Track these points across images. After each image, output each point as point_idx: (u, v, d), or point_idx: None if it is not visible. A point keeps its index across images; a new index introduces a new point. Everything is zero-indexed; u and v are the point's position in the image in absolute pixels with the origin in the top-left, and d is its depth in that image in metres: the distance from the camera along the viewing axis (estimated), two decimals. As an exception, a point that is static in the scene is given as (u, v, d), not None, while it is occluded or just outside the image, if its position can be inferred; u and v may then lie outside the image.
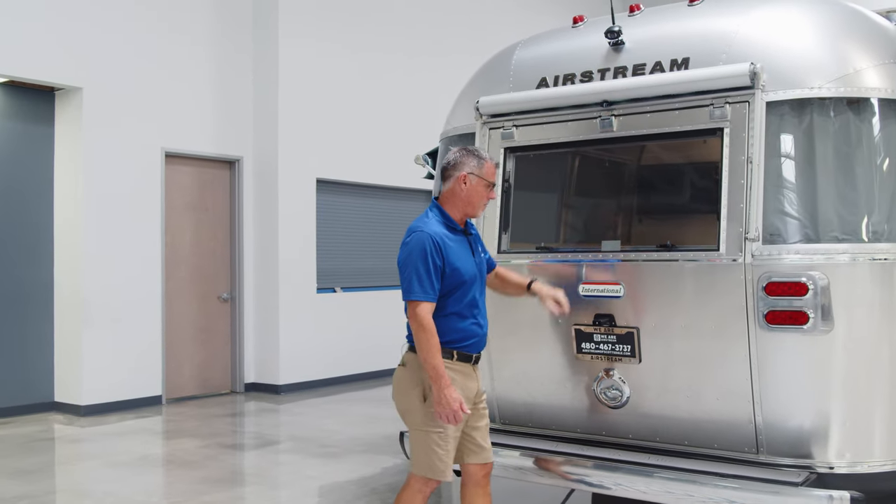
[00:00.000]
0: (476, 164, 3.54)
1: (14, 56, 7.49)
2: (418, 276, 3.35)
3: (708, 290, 3.85)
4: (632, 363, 4.09)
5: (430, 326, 3.35)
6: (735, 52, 3.92)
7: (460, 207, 3.56)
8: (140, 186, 8.40)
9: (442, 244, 3.42)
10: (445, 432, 3.46)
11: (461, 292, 3.49)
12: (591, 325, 4.17)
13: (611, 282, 4.10)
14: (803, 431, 3.76)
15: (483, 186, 3.56)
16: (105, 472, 6.01)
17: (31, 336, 7.99)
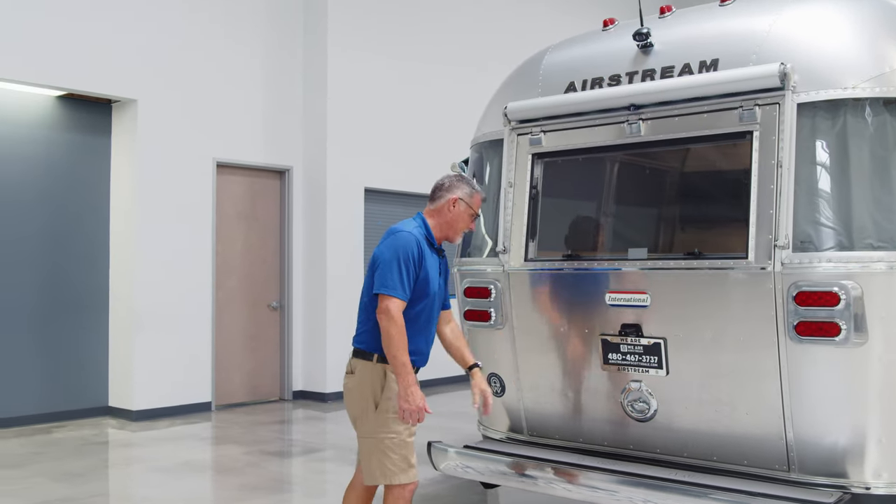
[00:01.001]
0: (468, 193, 3.61)
1: (72, 70, 7.72)
2: (399, 272, 3.36)
3: (736, 300, 3.71)
4: (659, 375, 3.96)
5: (401, 323, 3.34)
6: (766, 53, 3.78)
7: (443, 228, 3.62)
8: (192, 196, 8.56)
9: (422, 252, 3.46)
10: (399, 437, 3.42)
11: (422, 305, 3.49)
12: (617, 336, 4.06)
13: (637, 291, 3.98)
14: (838, 449, 3.59)
15: (468, 215, 3.63)
16: (148, 476, 6.11)
17: (87, 342, 8.20)
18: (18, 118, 7.81)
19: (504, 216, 4.47)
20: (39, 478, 5.84)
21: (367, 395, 3.47)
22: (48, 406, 7.87)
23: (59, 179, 8.06)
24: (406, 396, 3.34)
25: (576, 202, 4.64)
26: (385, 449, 3.43)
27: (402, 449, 3.44)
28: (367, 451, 3.49)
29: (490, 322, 4.51)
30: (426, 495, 5.41)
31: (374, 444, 3.45)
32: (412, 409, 3.34)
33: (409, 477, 3.46)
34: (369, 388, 3.47)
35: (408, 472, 3.46)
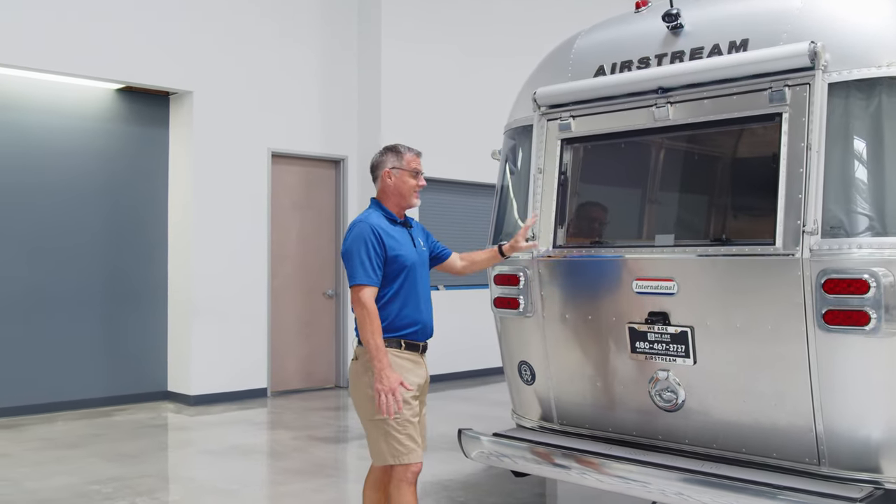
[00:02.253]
0: (395, 159, 3.70)
1: (130, 64, 7.95)
2: (360, 262, 3.47)
3: (764, 288, 3.59)
4: (686, 364, 3.87)
5: (372, 308, 3.44)
6: (797, 31, 3.64)
7: (394, 201, 3.70)
8: (247, 186, 8.72)
9: (382, 233, 3.54)
10: (401, 417, 3.46)
11: (403, 278, 3.58)
12: (644, 324, 3.98)
13: (664, 278, 3.89)
14: (871, 443, 3.45)
15: (407, 176, 3.70)
16: (196, 458, 6.28)
17: (147, 330, 8.45)
18: (79, 111, 8.08)
19: (533, 203, 4.42)
20: (94, 458, 6.06)
21: (368, 379, 3.52)
22: (110, 390, 8.15)
23: (120, 171, 8.31)
24: (380, 378, 3.40)
25: (604, 188, 4.56)
26: (390, 429, 3.47)
27: (406, 428, 3.49)
28: (374, 434, 3.54)
29: (519, 310, 4.48)
30: (467, 482, 5.42)
31: (379, 424, 3.50)
32: (386, 389, 3.39)
33: (415, 457, 3.51)
34: (370, 372, 3.51)
35: (415, 452, 3.52)
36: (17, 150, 7.68)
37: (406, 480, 3.52)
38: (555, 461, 4.16)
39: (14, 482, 5.37)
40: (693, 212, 4.12)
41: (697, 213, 4.10)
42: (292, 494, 5.23)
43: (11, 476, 5.52)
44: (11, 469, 5.70)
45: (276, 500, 5.22)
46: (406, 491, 3.53)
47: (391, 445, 3.48)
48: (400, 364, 3.54)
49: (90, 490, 5.19)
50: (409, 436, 3.50)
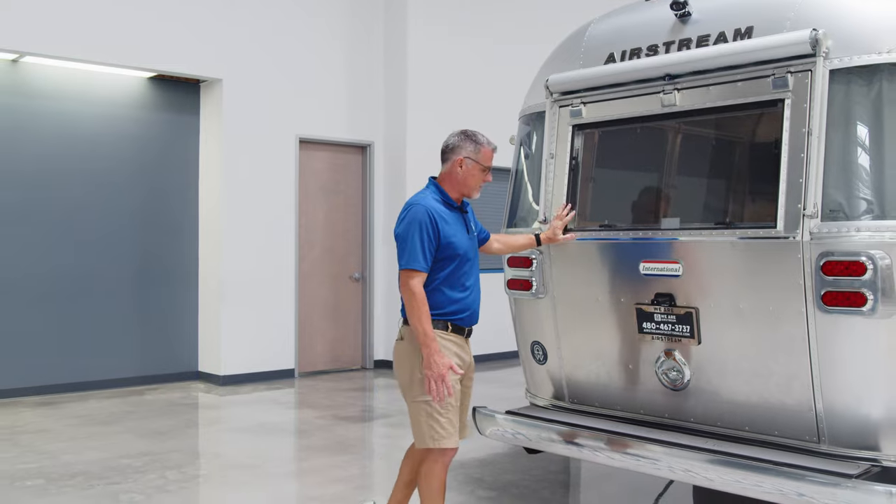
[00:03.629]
0: (473, 149, 3.66)
1: (162, 52, 8.16)
2: (413, 246, 3.45)
3: (766, 270, 3.68)
4: (691, 344, 3.98)
5: (420, 294, 3.44)
6: (800, 18, 3.71)
7: (457, 188, 3.68)
8: (276, 172, 8.92)
9: (438, 218, 3.52)
10: (446, 401, 3.49)
11: (455, 265, 3.57)
12: (651, 305, 4.09)
13: (670, 260, 4.00)
14: (869, 421, 3.53)
15: (479, 170, 3.67)
16: (223, 435, 6.50)
17: (178, 312, 8.71)
18: (112, 99, 8.32)
19: (545, 187, 4.53)
20: (127, 434, 6.30)
21: (414, 360, 3.54)
22: (143, 370, 8.42)
23: (152, 157, 8.55)
24: (429, 364, 3.42)
25: (613, 172, 4.66)
26: (433, 412, 3.50)
27: (449, 412, 3.52)
28: (415, 415, 3.57)
29: (532, 291, 4.60)
30: (484, 459, 5.57)
31: (423, 406, 3.52)
32: (435, 376, 3.41)
33: (451, 442, 3.54)
34: (416, 352, 3.53)
35: (453, 437, 3.54)
36: (54, 138, 7.93)
37: (440, 464, 3.58)
38: (565, 438, 4.29)
39: (52, 455, 5.63)
40: (698, 196, 4.21)
41: (702, 197, 4.19)
42: (315, 470, 5.42)
43: (49, 449, 5.79)
44: (49, 443, 5.97)
45: (299, 475, 5.41)
46: (437, 474, 3.58)
47: (431, 428, 3.51)
48: (445, 346, 3.54)
49: (122, 464, 5.43)
50: (450, 420, 3.53)
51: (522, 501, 4.74)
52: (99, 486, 4.92)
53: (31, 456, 5.60)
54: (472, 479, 5.14)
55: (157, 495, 4.78)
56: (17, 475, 5.14)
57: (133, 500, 4.69)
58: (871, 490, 3.24)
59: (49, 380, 7.81)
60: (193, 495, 4.92)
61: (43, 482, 5.00)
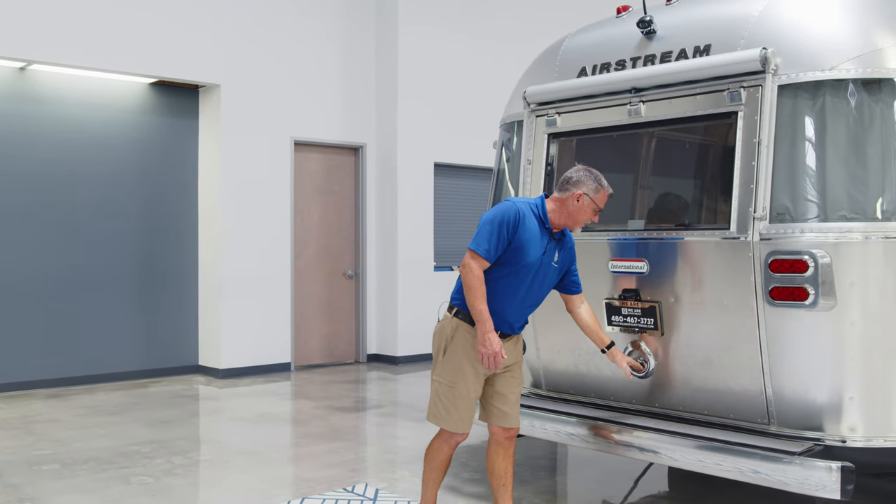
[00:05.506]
0: (593, 188, 3.79)
1: (162, 59, 8.50)
2: (489, 233, 3.64)
3: (721, 267, 4.04)
4: (655, 335, 4.34)
5: (480, 275, 3.63)
6: (753, 37, 4.06)
7: (563, 217, 3.81)
8: (272, 173, 9.27)
9: (521, 222, 3.68)
10: (454, 389, 3.77)
11: (511, 271, 3.72)
12: (618, 300, 4.45)
13: (635, 258, 4.35)
14: (815, 405, 3.88)
15: (591, 209, 3.80)
16: (225, 424, 6.85)
17: (179, 308, 9.06)
18: (114, 104, 8.65)
19: (523, 191, 4.89)
20: (134, 423, 6.65)
21: (441, 341, 3.82)
22: (145, 364, 8.77)
23: (153, 160, 8.89)
24: (483, 342, 3.63)
25: None
26: (441, 392, 3.80)
27: (456, 399, 3.77)
28: (432, 391, 3.87)
29: (512, 288, 4.94)
30: (473, 447, 5.92)
31: (436, 386, 3.84)
32: (489, 353, 3.62)
33: (457, 427, 3.80)
34: (443, 336, 3.81)
35: (458, 423, 3.79)
36: (58, 142, 8.27)
37: (447, 443, 3.87)
38: (554, 425, 4.65)
39: (64, 442, 5.98)
40: (662, 200, 4.57)
41: (666, 201, 4.55)
42: (311, 456, 5.77)
43: (61, 437, 6.14)
44: (61, 432, 6.32)
45: (296, 460, 5.76)
46: (444, 451, 3.89)
47: (437, 406, 3.81)
48: (468, 340, 3.76)
49: (131, 450, 5.78)
50: (456, 406, 3.77)
51: (504, 483, 5.09)
52: (111, 470, 5.27)
53: (45, 443, 5.95)
54: (458, 463, 5.49)
55: (165, 478, 5.13)
56: (33, 460, 5.49)
57: (143, 482, 5.04)
58: (814, 465, 3.62)
59: (58, 373, 8.16)
60: (199, 478, 5.27)
61: (58, 467, 5.36)
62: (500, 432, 4.01)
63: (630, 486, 5.10)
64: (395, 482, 5.09)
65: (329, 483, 5.05)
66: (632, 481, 5.16)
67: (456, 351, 3.78)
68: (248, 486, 5.02)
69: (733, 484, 4.67)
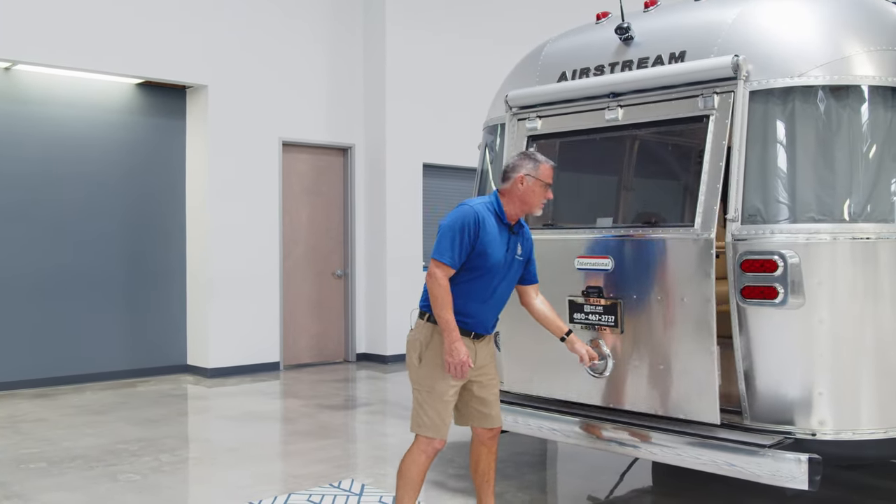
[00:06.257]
0: (532, 167, 3.81)
1: (149, 59, 8.57)
2: (451, 241, 3.65)
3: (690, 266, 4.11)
4: (615, 333, 4.37)
5: (445, 285, 3.64)
6: (727, 44, 4.18)
7: (517, 205, 3.81)
8: (260, 173, 9.35)
9: (482, 226, 3.69)
10: (434, 392, 3.74)
11: (479, 274, 3.73)
12: (582, 296, 4.49)
13: (601, 256, 4.41)
14: (786, 400, 4.00)
15: (539, 186, 3.80)
16: (213, 423, 6.94)
17: (167, 308, 9.13)
18: (102, 105, 8.72)
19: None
20: (121, 422, 6.73)
21: (415, 349, 3.80)
22: (134, 363, 8.85)
23: (140, 160, 8.96)
24: (450, 351, 3.63)
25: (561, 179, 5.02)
26: (422, 401, 3.75)
27: (437, 405, 3.73)
28: (414, 401, 3.83)
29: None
30: (457, 445, 6.03)
31: (416, 395, 3.79)
32: (456, 362, 3.63)
33: (438, 432, 3.75)
34: (418, 343, 3.80)
35: (436, 429, 3.75)
36: (46, 142, 8.33)
37: (425, 453, 3.78)
38: (528, 419, 4.74)
39: (52, 441, 6.06)
40: (632, 200, 4.65)
41: (635, 201, 4.62)
42: (299, 453, 5.87)
43: (49, 436, 6.22)
44: (49, 431, 6.40)
45: (284, 457, 5.86)
46: (420, 462, 3.79)
47: (418, 415, 3.77)
48: (434, 344, 3.74)
49: (119, 448, 5.87)
50: (438, 412, 3.73)
51: (487, 478, 5.20)
52: (98, 468, 5.36)
53: (33, 442, 6.03)
54: (444, 460, 5.59)
55: (152, 475, 5.22)
56: (21, 459, 5.57)
57: (131, 479, 5.13)
58: (784, 458, 3.75)
59: (45, 373, 8.23)
60: (187, 475, 5.36)
61: (45, 465, 5.43)
62: (484, 433, 4.04)
63: (615, 481, 5.22)
64: (382, 478, 5.19)
65: (316, 479, 5.15)
66: (617, 476, 5.29)
67: (433, 356, 3.77)
68: (235, 482, 5.11)
69: (715, 478, 4.78)
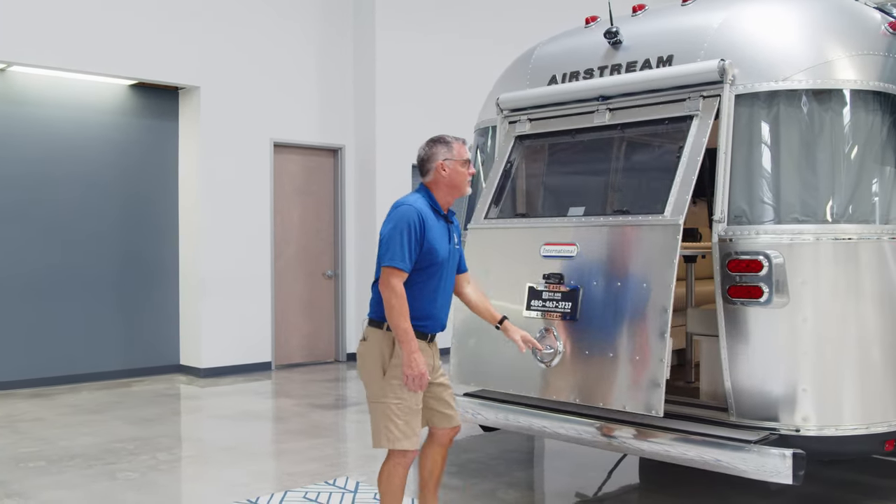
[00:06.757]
0: (447, 150, 3.72)
1: (142, 61, 8.62)
2: (400, 245, 3.49)
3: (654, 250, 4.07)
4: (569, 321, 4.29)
5: (401, 293, 3.50)
6: (713, 49, 4.28)
7: (446, 191, 3.73)
8: (252, 174, 9.41)
9: (424, 221, 3.57)
10: (403, 403, 3.58)
11: (431, 272, 3.64)
12: (542, 283, 4.43)
13: (568, 243, 4.39)
14: (771, 397, 4.10)
15: (460, 166, 3.71)
16: (207, 422, 7.01)
17: (160, 308, 9.18)
18: (95, 106, 8.76)
19: (479, 185, 5.08)
20: (117, 421, 6.79)
21: (377, 361, 3.62)
22: (128, 363, 8.89)
23: (133, 161, 9.00)
24: (409, 363, 3.50)
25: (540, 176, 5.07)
26: (391, 414, 3.57)
27: (407, 415, 3.59)
28: (375, 416, 3.64)
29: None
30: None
31: (382, 408, 3.60)
32: (414, 374, 3.51)
33: (411, 444, 3.60)
34: (379, 354, 3.62)
35: (411, 440, 3.60)
36: (39, 143, 8.37)
37: (401, 466, 3.65)
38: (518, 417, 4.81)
39: (49, 440, 6.11)
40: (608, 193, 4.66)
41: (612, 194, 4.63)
42: (292, 451, 5.94)
43: (46, 435, 6.27)
44: (46, 430, 6.45)
45: (278, 455, 5.93)
46: (398, 474, 3.65)
47: (387, 429, 3.58)
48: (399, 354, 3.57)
49: (116, 447, 5.93)
50: (408, 423, 3.59)
51: (479, 475, 5.28)
52: (97, 466, 5.42)
53: (31, 441, 6.08)
54: (435, 457, 5.68)
55: (150, 473, 5.28)
56: (20, 458, 5.63)
57: (129, 477, 5.19)
58: (769, 453, 3.84)
59: (40, 372, 8.27)
60: (184, 473, 5.43)
61: (44, 463, 5.49)
62: (445, 433, 3.90)
63: (603, 478, 5.32)
64: (374, 476, 5.24)
65: (311, 477, 5.22)
66: (604, 474, 5.39)
67: (397, 366, 3.60)
68: (231, 480, 5.18)
69: (701, 474, 4.88)
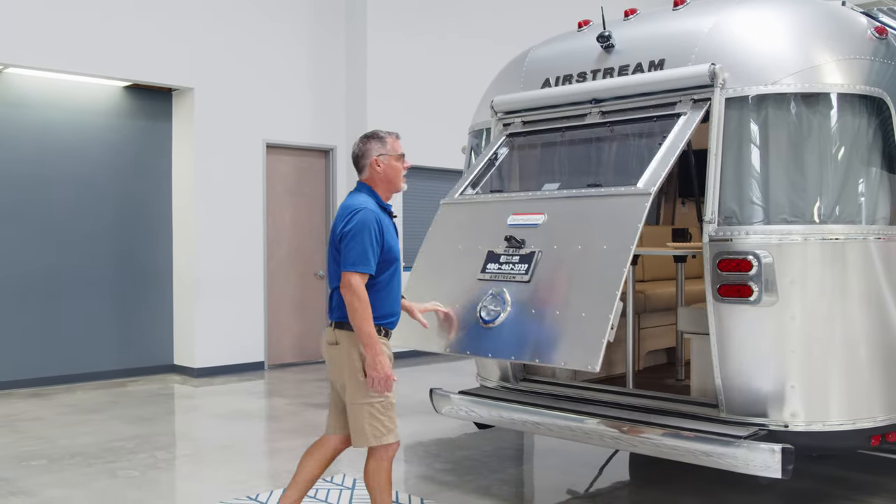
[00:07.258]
0: (380, 146, 3.74)
1: (136, 63, 8.66)
2: (364, 249, 3.51)
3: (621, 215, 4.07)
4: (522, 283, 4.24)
5: (365, 296, 3.50)
6: (704, 53, 4.38)
7: (384, 187, 3.76)
8: (244, 175, 9.47)
9: (380, 221, 3.61)
10: (386, 400, 3.64)
11: (391, 270, 3.68)
12: (502, 246, 4.43)
13: (536, 213, 4.41)
14: (760, 393, 4.20)
15: (395, 160, 3.75)
16: (202, 421, 7.07)
17: (154, 308, 9.23)
18: (89, 107, 8.80)
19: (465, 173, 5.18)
20: (115, 420, 6.84)
21: (354, 363, 3.62)
22: (122, 363, 8.94)
23: (127, 162, 9.05)
24: (374, 365, 3.52)
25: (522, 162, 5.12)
26: (376, 413, 3.62)
27: (389, 411, 3.65)
28: (358, 416, 3.64)
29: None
30: (441, 439, 6.20)
31: (367, 409, 3.62)
32: (380, 376, 3.54)
33: (394, 437, 3.69)
34: (357, 356, 3.61)
35: (393, 432, 3.68)
36: (34, 144, 8.40)
37: (386, 459, 3.69)
38: (511, 414, 4.91)
39: (49, 439, 6.16)
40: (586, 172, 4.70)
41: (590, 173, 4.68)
42: (286, 449, 6.01)
43: (46, 434, 6.32)
44: (45, 429, 6.50)
45: (271, 454, 6.00)
46: (384, 469, 3.69)
47: (374, 427, 3.62)
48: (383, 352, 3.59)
49: (115, 445, 5.98)
50: (390, 417, 3.66)
51: (474, 472, 5.37)
52: (97, 465, 5.48)
53: (31, 440, 6.13)
54: (429, 455, 5.77)
55: (150, 471, 5.35)
56: (21, 456, 5.68)
57: (129, 475, 5.25)
58: (758, 448, 3.93)
59: (37, 372, 8.31)
60: (183, 471, 5.49)
61: (46, 462, 5.54)
62: (343, 441, 3.88)
63: (595, 475, 5.42)
64: (370, 472, 5.35)
65: (308, 474, 5.29)
66: (596, 470, 5.48)
67: None
68: (229, 478, 5.25)
69: (691, 471, 4.98)
